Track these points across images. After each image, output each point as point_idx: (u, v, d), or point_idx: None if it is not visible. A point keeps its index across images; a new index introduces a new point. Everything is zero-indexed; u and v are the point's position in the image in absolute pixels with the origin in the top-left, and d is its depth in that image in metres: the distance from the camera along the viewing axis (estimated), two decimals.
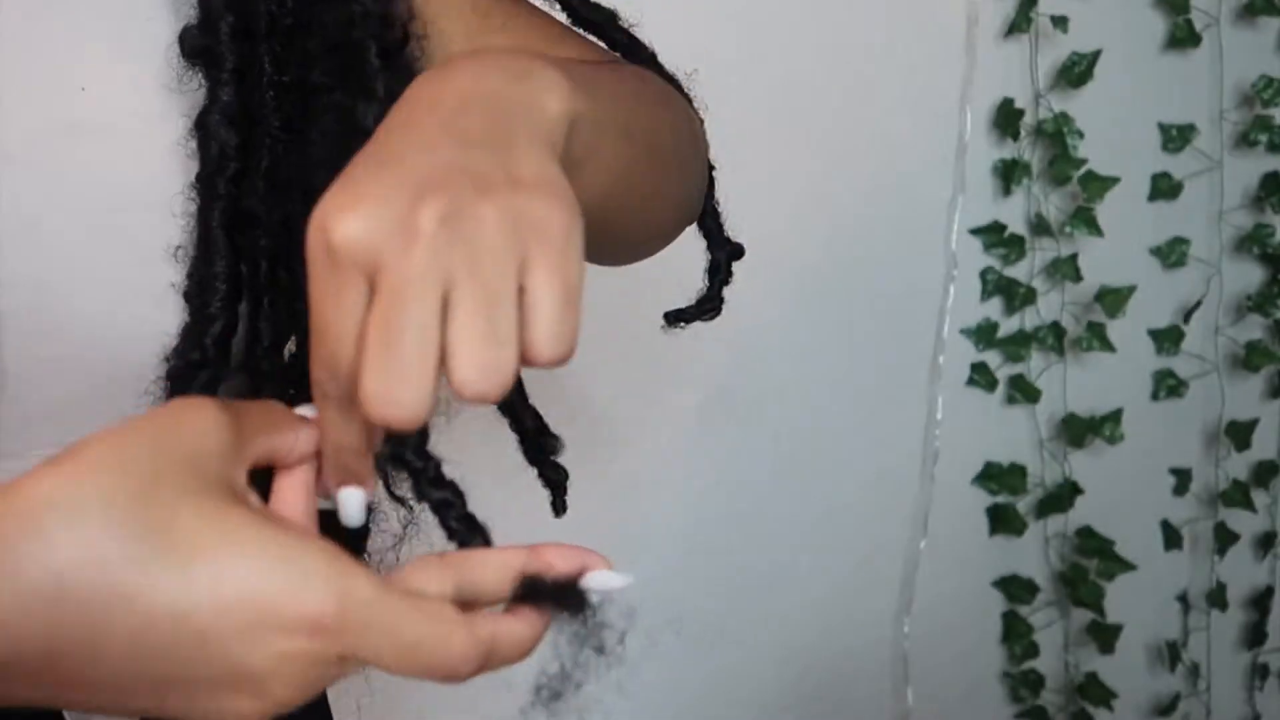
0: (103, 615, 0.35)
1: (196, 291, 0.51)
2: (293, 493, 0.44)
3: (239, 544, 0.37)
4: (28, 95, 0.49)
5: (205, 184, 0.51)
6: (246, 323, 0.53)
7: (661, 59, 1.30)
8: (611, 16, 0.67)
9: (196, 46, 0.51)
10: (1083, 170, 1.44)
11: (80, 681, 0.36)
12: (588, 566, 0.43)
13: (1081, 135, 1.43)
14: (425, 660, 0.39)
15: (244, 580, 0.36)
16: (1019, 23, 1.39)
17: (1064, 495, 1.51)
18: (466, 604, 0.42)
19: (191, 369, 0.51)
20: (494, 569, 0.43)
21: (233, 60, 0.51)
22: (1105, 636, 1.55)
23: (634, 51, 0.68)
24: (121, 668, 0.36)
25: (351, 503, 0.44)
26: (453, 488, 0.48)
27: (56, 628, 0.35)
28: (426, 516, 0.51)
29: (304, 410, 0.44)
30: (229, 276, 0.51)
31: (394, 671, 0.39)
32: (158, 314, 0.51)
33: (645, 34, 1.26)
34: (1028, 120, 1.42)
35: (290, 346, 0.56)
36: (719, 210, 0.71)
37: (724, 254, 0.74)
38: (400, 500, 0.58)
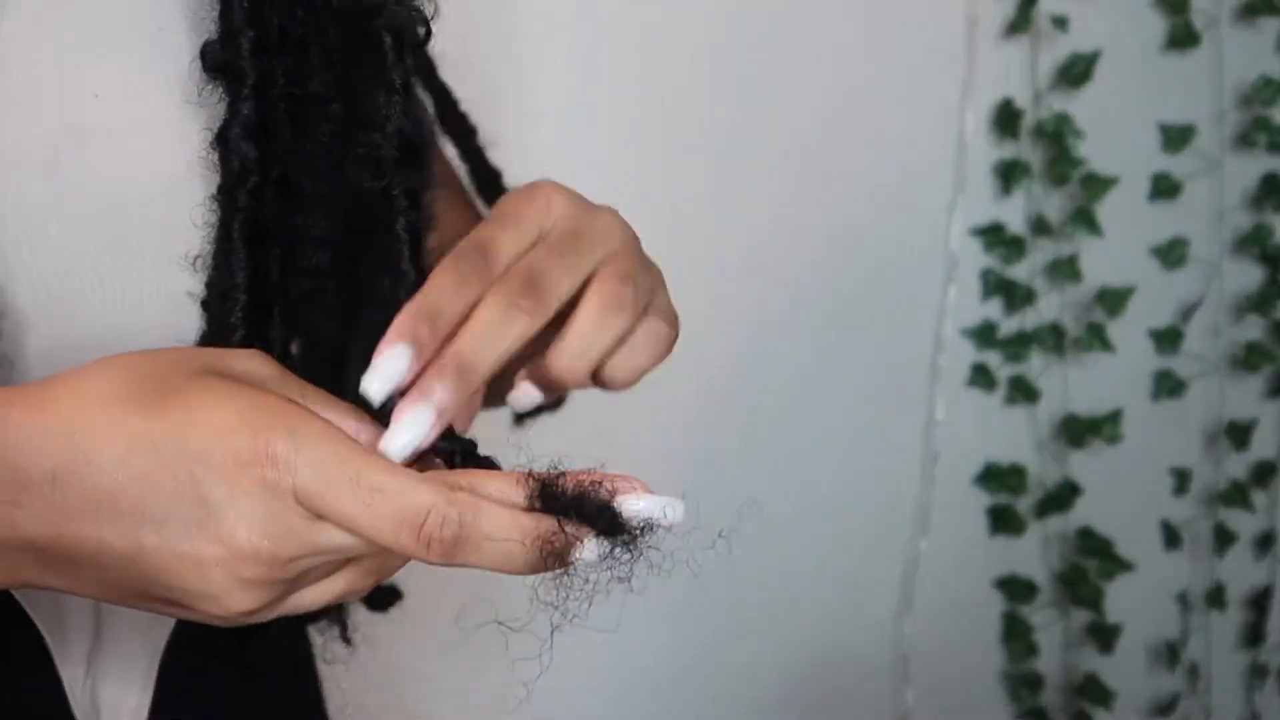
0: (95, 440, 0.40)
1: (218, 301, 0.52)
2: None
3: (218, 393, 0.41)
4: (40, 100, 0.49)
5: (226, 196, 0.51)
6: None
7: (663, 60, 1.30)
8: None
9: (218, 61, 0.51)
10: (1083, 170, 1.44)
11: (74, 510, 0.40)
12: (617, 489, 0.43)
13: (1081, 135, 1.43)
14: (389, 509, 0.39)
15: (209, 413, 0.40)
16: (1019, 23, 1.39)
17: (1064, 495, 1.51)
18: None
19: None
20: (502, 477, 0.42)
21: (254, 75, 0.51)
22: (1105, 636, 1.55)
23: None
24: (106, 493, 0.40)
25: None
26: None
27: (63, 452, 0.40)
28: None
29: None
30: (249, 287, 0.51)
31: (364, 530, 0.39)
32: (171, 320, 0.52)
33: (646, 36, 1.27)
34: (1028, 120, 1.42)
35: (293, 349, 0.56)
36: None
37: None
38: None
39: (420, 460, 0.44)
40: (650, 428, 1.32)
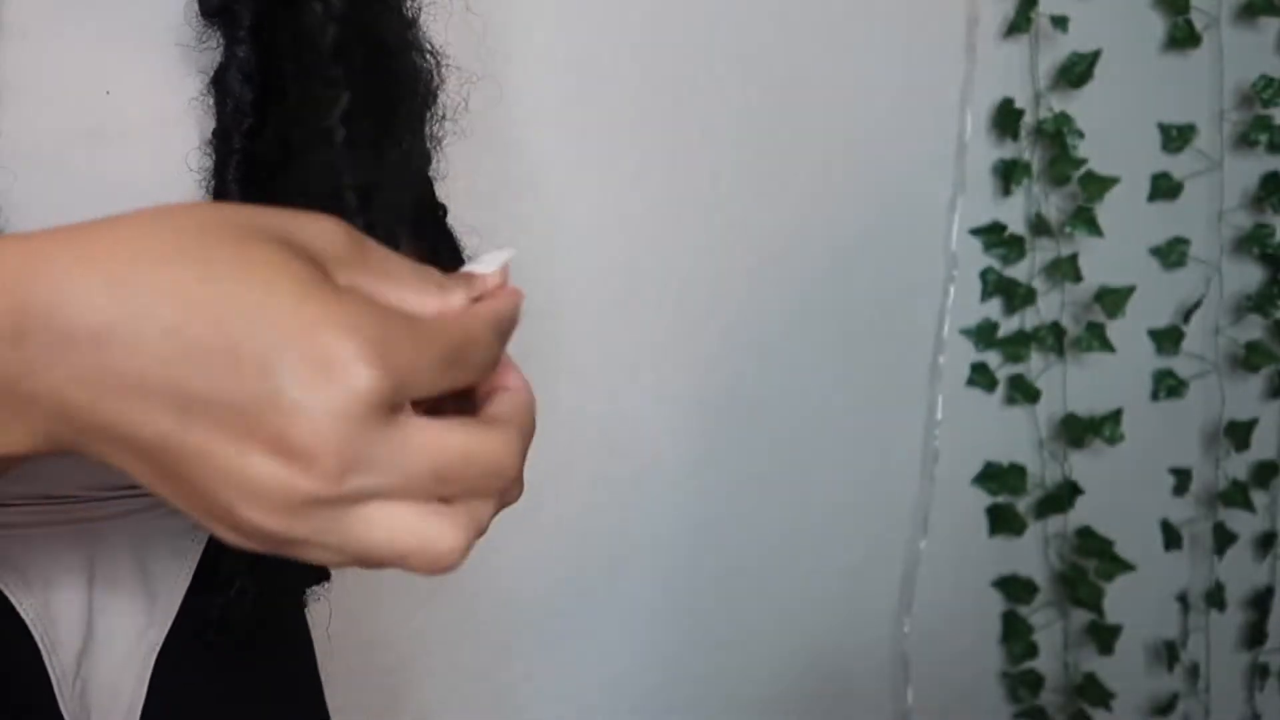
0: (146, 303, 0.33)
1: None
2: None
3: (297, 278, 0.34)
4: (51, 99, 0.49)
5: (221, 139, 0.51)
6: None
7: (664, 61, 1.30)
8: None
9: (215, 5, 0.51)
10: (1083, 170, 1.44)
11: (114, 379, 0.34)
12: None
13: (1081, 135, 1.43)
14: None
15: (286, 299, 0.33)
16: (1019, 23, 1.39)
17: (1064, 495, 1.51)
18: None
19: None
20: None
21: (249, 17, 0.51)
22: (1104, 637, 1.55)
23: None
24: (151, 364, 0.33)
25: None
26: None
27: (110, 310, 0.33)
28: None
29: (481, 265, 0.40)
30: None
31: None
32: None
33: (646, 37, 1.27)
34: (1028, 120, 1.42)
35: None
36: None
37: None
38: None
39: None
40: (651, 428, 1.32)
